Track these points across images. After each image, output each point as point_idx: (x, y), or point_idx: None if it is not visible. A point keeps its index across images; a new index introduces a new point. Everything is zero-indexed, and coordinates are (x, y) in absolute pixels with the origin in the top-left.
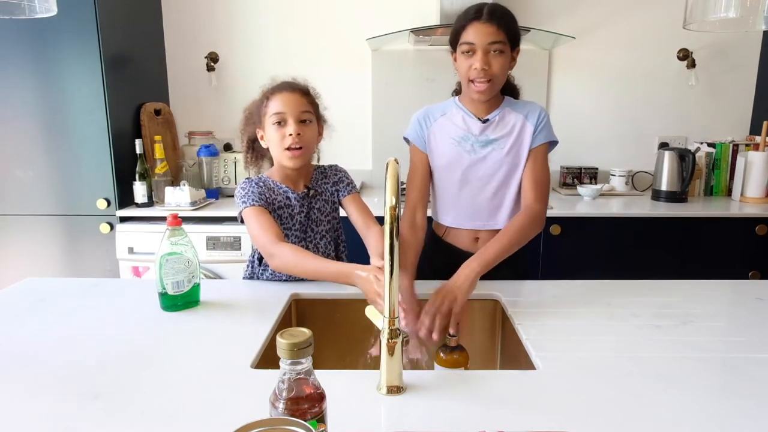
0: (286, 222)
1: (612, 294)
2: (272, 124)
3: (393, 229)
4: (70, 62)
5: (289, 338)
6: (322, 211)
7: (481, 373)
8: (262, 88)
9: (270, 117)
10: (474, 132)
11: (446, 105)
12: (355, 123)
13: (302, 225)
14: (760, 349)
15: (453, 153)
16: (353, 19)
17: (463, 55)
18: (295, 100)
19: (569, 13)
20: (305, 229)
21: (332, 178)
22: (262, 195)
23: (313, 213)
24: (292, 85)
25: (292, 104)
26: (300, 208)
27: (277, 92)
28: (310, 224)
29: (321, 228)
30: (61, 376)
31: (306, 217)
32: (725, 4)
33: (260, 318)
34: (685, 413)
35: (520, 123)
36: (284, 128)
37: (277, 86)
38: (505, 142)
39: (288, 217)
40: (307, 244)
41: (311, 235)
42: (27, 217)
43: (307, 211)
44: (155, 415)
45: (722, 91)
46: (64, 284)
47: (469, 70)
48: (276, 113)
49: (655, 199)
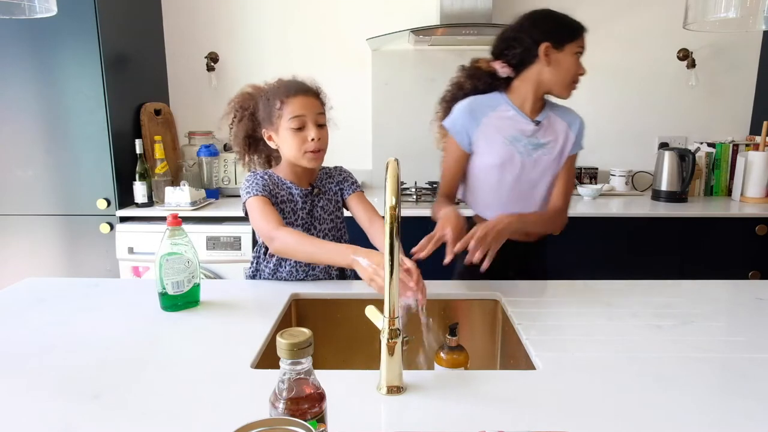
0: (288, 217)
1: (612, 294)
2: (290, 128)
3: (393, 229)
4: (70, 62)
5: (289, 338)
6: (325, 209)
7: (481, 373)
8: (266, 87)
9: (288, 121)
10: (526, 133)
11: (494, 99)
12: (355, 123)
13: (305, 222)
14: (760, 349)
15: (506, 153)
16: (353, 19)
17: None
18: (312, 104)
19: (569, 13)
20: (308, 227)
21: (336, 178)
22: (266, 186)
23: (316, 211)
24: (306, 88)
25: (310, 108)
26: (303, 204)
27: (293, 96)
28: (313, 222)
29: (324, 226)
30: (61, 376)
31: (309, 214)
32: (725, 4)
33: (260, 318)
34: (685, 413)
35: (564, 130)
36: (304, 132)
37: (291, 89)
38: (554, 148)
39: (290, 212)
40: None
41: (314, 233)
42: (27, 217)
43: (310, 208)
44: (155, 415)
45: (722, 91)
46: (64, 284)
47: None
48: (295, 117)
49: (655, 199)
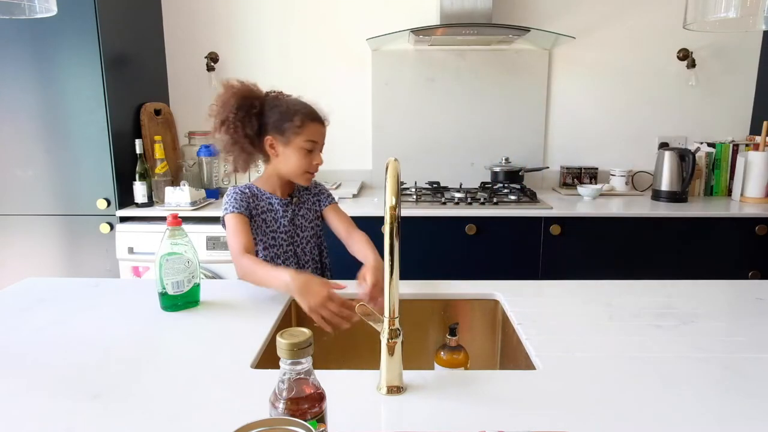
0: (271, 225)
1: (612, 294)
2: (303, 149)
3: (393, 229)
4: (70, 62)
5: (289, 338)
6: (305, 218)
7: (481, 373)
8: (280, 97)
9: (304, 142)
10: None
11: None
12: (355, 123)
13: (288, 230)
14: (761, 349)
15: None
16: (353, 19)
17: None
18: (324, 133)
19: (569, 13)
20: (292, 234)
21: (313, 191)
22: (244, 202)
23: (297, 219)
24: (324, 117)
25: (323, 136)
26: (284, 213)
27: (312, 121)
28: (296, 230)
29: (306, 233)
30: (61, 376)
31: (291, 222)
32: (725, 4)
33: (260, 318)
34: (686, 413)
35: None
36: (312, 155)
37: (313, 114)
38: None
39: (272, 220)
40: (295, 248)
41: (298, 240)
42: (27, 217)
43: (291, 216)
44: (155, 415)
45: (722, 91)
46: (64, 284)
47: None
48: (311, 141)
49: (655, 199)
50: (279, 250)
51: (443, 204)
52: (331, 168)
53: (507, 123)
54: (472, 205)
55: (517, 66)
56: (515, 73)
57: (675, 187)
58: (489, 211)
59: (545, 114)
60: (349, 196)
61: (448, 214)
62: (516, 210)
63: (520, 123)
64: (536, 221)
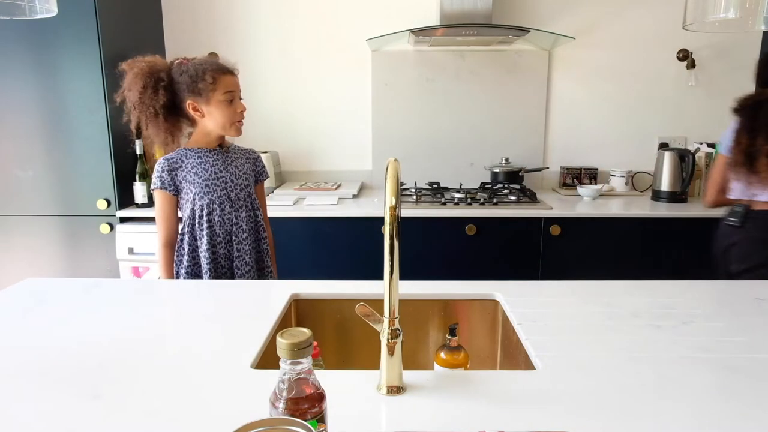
0: (202, 175)
1: (612, 294)
2: (223, 102)
3: (393, 229)
4: (70, 62)
5: (289, 338)
6: (239, 168)
7: (481, 373)
8: (184, 62)
9: (222, 95)
10: None
11: None
12: (355, 123)
13: (222, 176)
14: (760, 350)
15: None
16: (353, 20)
17: None
18: (237, 82)
19: (569, 13)
20: (225, 180)
21: (252, 156)
22: (169, 174)
23: (230, 168)
24: (234, 68)
25: (237, 86)
26: (214, 161)
27: (223, 74)
28: (229, 176)
29: (240, 181)
30: (61, 376)
31: (225, 170)
32: (725, 4)
33: (260, 318)
34: (685, 413)
35: None
36: (233, 105)
37: (222, 67)
38: None
39: (203, 170)
40: (229, 193)
41: (231, 186)
42: (27, 217)
43: (224, 164)
44: (155, 415)
45: (722, 92)
46: (65, 284)
47: None
48: (228, 92)
49: (655, 200)
50: (213, 196)
51: (443, 204)
52: (331, 168)
53: (507, 123)
54: (472, 206)
55: (517, 66)
56: (515, 73)
57: (675, 188)
58: (489, 211)
59: (545, 114)
60: (349, 197)
61: (448, 215)
62: (516, 210)
63: (520, 123)
64: (536, 221)
